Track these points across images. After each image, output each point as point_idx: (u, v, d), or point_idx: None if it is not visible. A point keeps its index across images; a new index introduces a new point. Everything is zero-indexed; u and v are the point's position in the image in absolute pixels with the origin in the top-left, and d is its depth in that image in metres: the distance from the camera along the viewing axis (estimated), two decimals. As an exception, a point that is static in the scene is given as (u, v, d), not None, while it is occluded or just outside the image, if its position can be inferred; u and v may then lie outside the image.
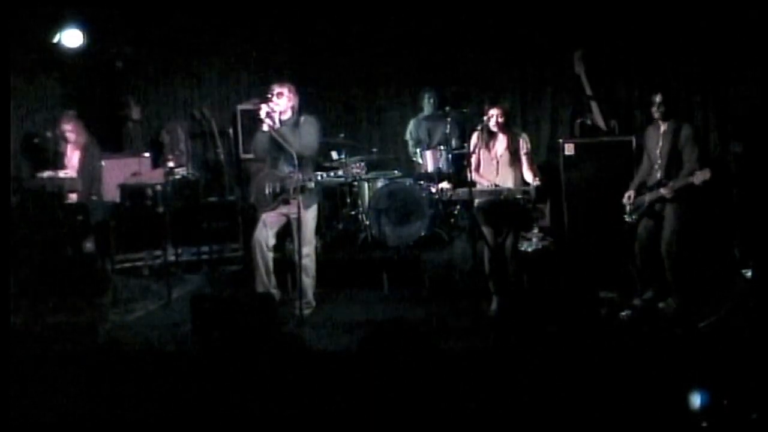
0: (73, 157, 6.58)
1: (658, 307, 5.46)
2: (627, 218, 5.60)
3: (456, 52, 8.05)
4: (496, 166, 5.64)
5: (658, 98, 5.44)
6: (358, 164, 5.99)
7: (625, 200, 5.62)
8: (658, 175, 5.46)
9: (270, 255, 5.73)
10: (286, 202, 5.64)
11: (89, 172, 6.51)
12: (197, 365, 4.67)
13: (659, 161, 5.47)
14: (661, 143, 5.48)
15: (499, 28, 7.78)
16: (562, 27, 7.49)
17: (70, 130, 6.54)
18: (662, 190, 5.36)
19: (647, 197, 5.49)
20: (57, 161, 6.59)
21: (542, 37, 7.66)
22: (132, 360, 4.96)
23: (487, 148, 5.67)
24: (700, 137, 5.47)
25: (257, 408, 3.96)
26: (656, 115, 5.48)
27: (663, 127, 5.49)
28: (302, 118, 5.70)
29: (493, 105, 5.65)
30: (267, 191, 5.69)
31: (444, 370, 4.45)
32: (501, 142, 5.64)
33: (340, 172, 5.91)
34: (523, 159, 5.59)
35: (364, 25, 8.13)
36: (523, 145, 5.62)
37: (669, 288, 5.45)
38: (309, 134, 5.65)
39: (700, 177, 5.12)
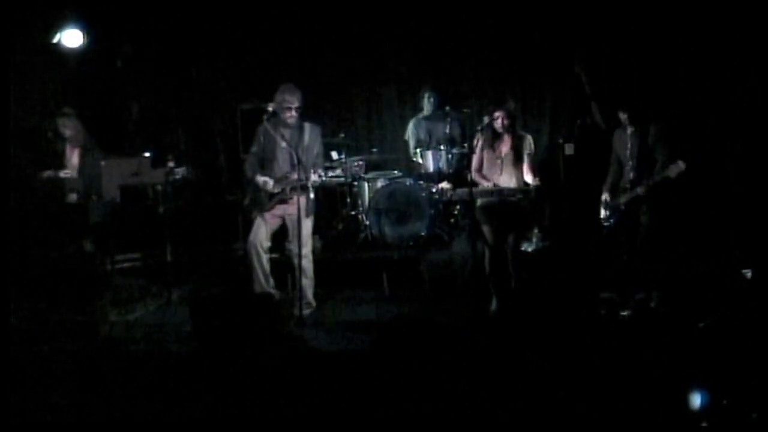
0: (72, 157, 6.56)
1: (651, 307, 5.48)
2: (605, 223, 5.67)
3: (456, 52, 8.05)
4: (501, 165, 5.65)
5: (623, 114, 5.56)
6: (357, 163, 5.98)
7: (602, 206, 5.69)
8: (631, 176, 5.54)
9: (266, 256, 5.74)
10: (283, 202, 5.64)
11: (89, 171, 6.49)
12: (197, 365, 4.68)
13: (630, 162, 5.56)
14: (629, 144, 5.57)
15: (500, 27, 7.79)
16: (562, 27, 7.49)
17: (64, 125, 6.52)
18: (638, 189, 5.42)
19: (622, 199, 5.56)
20: (57, 161, 6.57)
21: (542, 36, 7.66)
22: (132, 360, 4.96)
23: (492, 147, 5.69)
24: (671, 135, 5.53)
25: (257, 408, 3.96)
26: (624, 122, 5.60)
27: (630, 129, 5.59)
28: (306, 126, 5.72)
29: (498, 107, 5.68)
30: (262, 192, 5.69)
31: (444, 370, 4.45)
32: (506, 143, 5.67)
33: (339, 171, 5.91)
34: (525, 159, 5.62)
35: (365, 25, 8.13)
36: (527, 146, 5.66)
37: (653, 287, 5.50)
38: (319, 154, 5.77)
39: (675, 169, 5.20)
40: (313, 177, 5.56)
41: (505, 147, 5.66)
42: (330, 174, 5.79)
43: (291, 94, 5.64)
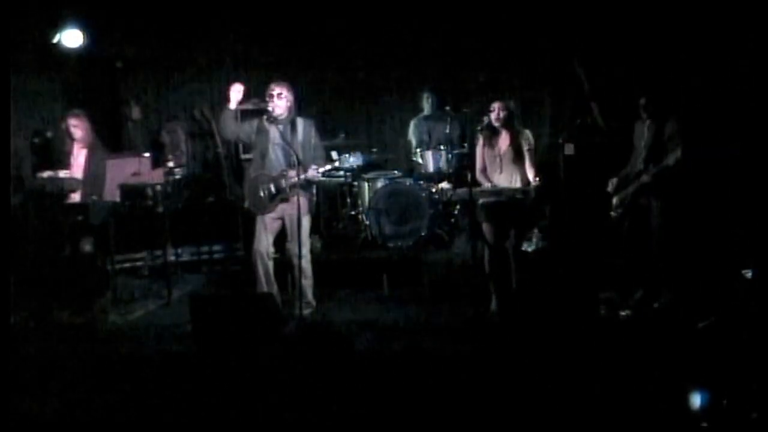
0: (79, 156, 6.57)
1: (652, 306, 5.47)
2: (612, 213, 5.67)
3: (456, 52, 8.05)
4: (500, 163, 5.65)
5: (643, 101, 5.61)
6: (355, 154, 5.94)
7: (609, 188, 5.68)
8: (641, 166, 5.57)
9: (270, 263, 5.72)
10: (284, 201, 5.62)
11: (94, 172, 6.50)
12: (197, 365, 4.68)
13: (643, 153, 5.59)
14: (645, 136, 5.61)
15: (500, 27, 7.78)
16: (562, 27, 7.49)
17: (75, 125, 6.53)
18: (644, 177, 5.46)
19: (630, 189, 5.57)
20: (62, 161, 6.58)
21: (542, 36, 7.66)
22: (132, 360, 4.96)
23: (491, 145, 5.69)
24: (684, 133, 5.55)
25: (257, 408, 3.96)
26: (643, 114, 5.64)
27: (648, 122, 5.63)
28: (299, 121, 5.70)
29: (495, 100, 5.69)
30: (261, 193, 5.66)
31: (444, 370, 4.46)
32: (504, 140, 5.67)
33: (336, 164, 5.85)
34: (526, 156, 5.62)
35: (365, 25, 8.13)
36: (525, 142, 5.65)
37: (661, 286, 5.48)
38: (317, 147, 5.73)
39: (672, 157, 5.28)
40: (310, 172, 5.54)
41: (504, 144, 5.66)
42: (328, 167, 5.73)
43: (276, 83, 5.65)
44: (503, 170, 5.63)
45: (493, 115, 5.62)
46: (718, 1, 6.83)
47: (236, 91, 5.62)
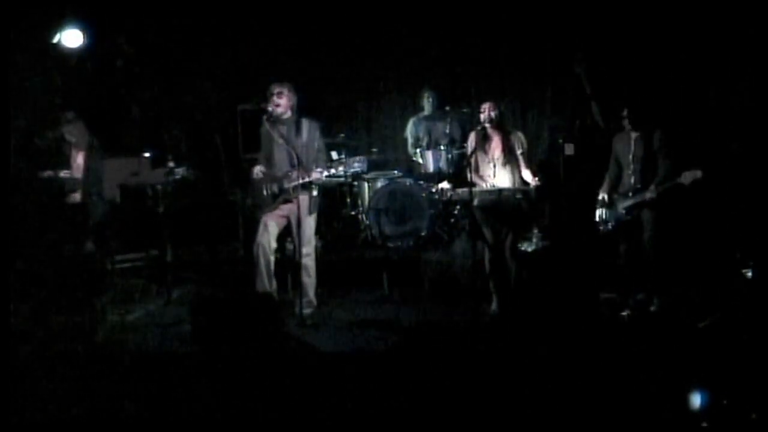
0: (77, 158, 6.57)
1: (651, 310, 5.47)
2: (602, 228, 5.63)
3: (456, 52, 8.06)
4: (493, 168, 5.63)
5: (624, 113, 5.56)
6: (359, 158, 5.95)
7: (598, 209, 5.65)
8: (632, 181, 5.52)
9: (272, 258, 5.71)
10: (287, 202, 5.63)
11: (93, 172, 6.50)
12: (197, 365, 4.68)
13: (632, 167, 5.53)
14: (633, 149, 5.54)
15: (500, 27, 7.79)
16: (562, 27, 7.49)
17: (70, 132, 6.55)
18: (647, 194, 5.37)
19: (625, 203, 5.53)
20: (60, 162, 6.58)
21: (542, 36, 7.67)
22: (132, 360, 4.96)
23: (484, 150, 5.67)
24: (672, 141, 5.52)
25: (257, 408, 3.96)
26: (626, 126, 5.59)
27: (634, 135, 5.57)
28: (304, 122, 5.69)
29: (486, 100, 5.68)
30: (265, 192, 5.68)
31: (444, 369, 4.46)
32: (497, 144, 5.64)
33: (341, 168, 5.85)
34: (520, 159, 5.59)
35: (365, 25, 8.14)
36: (519, 144, 5.62)
37: (657, 290, 5.49)
38: (320, 149, 5.72)
39: (689, 176, 5.17)
40: (315, 174, 5.54)
41: (497, 149, 5.63)
42: (332, 171, 5.73)
43: (279, 84, 5.65)
44: (497, 175, 5.62)
45: (483, 116, 5.62)
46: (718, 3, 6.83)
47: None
